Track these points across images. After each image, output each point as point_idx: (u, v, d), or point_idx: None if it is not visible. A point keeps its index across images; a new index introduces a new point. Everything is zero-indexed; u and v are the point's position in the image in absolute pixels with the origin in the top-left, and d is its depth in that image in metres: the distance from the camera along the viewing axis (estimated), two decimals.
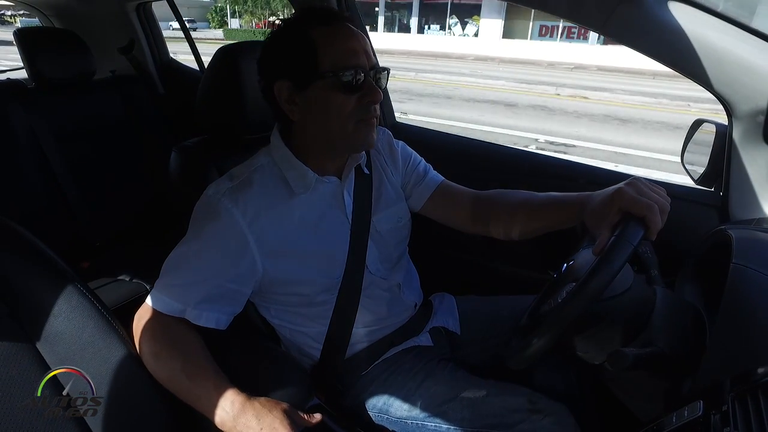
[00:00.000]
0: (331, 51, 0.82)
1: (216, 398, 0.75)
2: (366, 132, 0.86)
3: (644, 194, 0.71)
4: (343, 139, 0.86)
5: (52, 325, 0.73)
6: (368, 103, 0.84)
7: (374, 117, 0.86)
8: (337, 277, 0.93)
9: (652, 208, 0.68)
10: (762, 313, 0.64)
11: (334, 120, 0.84)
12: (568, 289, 0.75)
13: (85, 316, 0.76)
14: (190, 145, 1.08)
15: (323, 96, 0.83)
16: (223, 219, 0.84)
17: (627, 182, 0.74)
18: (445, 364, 1.00)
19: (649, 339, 0.70)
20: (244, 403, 0.74)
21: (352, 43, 0.84)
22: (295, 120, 0.89)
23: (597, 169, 1.32)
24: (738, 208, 0.98)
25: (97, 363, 0.75)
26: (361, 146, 0.90)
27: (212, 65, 1.04)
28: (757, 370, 0.51)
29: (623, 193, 0.72)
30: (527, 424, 0.84)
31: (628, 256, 0.63)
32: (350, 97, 0.83)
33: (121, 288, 1.55)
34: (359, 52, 0.84)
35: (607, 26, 0.94)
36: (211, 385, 0.76)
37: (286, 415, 0.73)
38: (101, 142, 1.84)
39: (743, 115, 0.91)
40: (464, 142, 1.54)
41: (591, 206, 0.78)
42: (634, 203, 0.69)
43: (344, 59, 0.82)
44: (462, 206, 1.05)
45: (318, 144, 0.90)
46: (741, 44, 0.88)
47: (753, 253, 0.74)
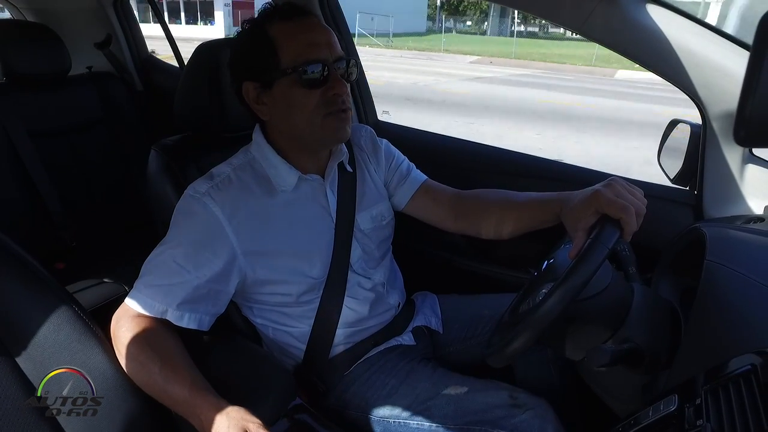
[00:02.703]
0: (290, 47, 0.82)
1: (192, 403, 0.73)
2: (336, 125, 0.85)
3: (621, 196, 0.71)
4: (312, 134, 0.86)
5: (26, 330, 0.71)
6: (333, 96, 0.83)
7: (343, 109, 0.85)
8: (321, 276, 0.93)
9: (628, 210, 0.69)
10: (734, 308, 0.66)
11: (299, 116, 0.84)
12: (546, 289, 0.76)
13: (61, 319, 0.74)
14: (169, 144, 1.06)
15: (288, 93, 0.83)
16: (204, 218, 0.83)
17: (605, 183, 0.75)
18: (427, 363, 1.01)
19: (627, 335, 0.72)
20: (218, 413, 0.71)
21: (313, 36, 0.83)
22: (265, 119, 0.89)
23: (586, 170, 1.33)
24: (712, 206, 1.01)
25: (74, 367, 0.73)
26: (332, 140, 0.89)
27: (192, 62, 1.03)
28: (729, 364, 0.53)
29: (600, 195, 0.72)
30: (509, 419, 0.84)
31: (604, 258, 0.64)
32: (314, 91, 0.83)
33: (98, 289, 1.51)
34: (321, 45, 0.83)
35: (585, 26, 0.96)
36: (187, 390, 0.74)
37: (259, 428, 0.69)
38: (77, 140, 1.80)
39: (716, 116, 0.93)
40: (447, 141, 1.54)
41: (569, 207, 0.79)
42: (609, 205, 0.70)
43: (305, 54, 0.82)
44: (444, 205, 1.05)
45: (292, 142, 0.90)
46: (715, 47, 0.90)
47: (726, 250, 0.76)
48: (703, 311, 0.68)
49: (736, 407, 0.46)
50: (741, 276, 0.68)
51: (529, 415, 0.84)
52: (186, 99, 1.05)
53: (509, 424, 0.84)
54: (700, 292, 0.69)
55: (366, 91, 1.65)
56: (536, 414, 0.84)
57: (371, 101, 1.69)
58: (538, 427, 0.83)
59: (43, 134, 1.70)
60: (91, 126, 1.84)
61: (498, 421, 0.85)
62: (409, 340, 1.04)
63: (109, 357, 0.77)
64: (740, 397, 0.47)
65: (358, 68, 0.91)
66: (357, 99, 1.62)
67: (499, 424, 0.84)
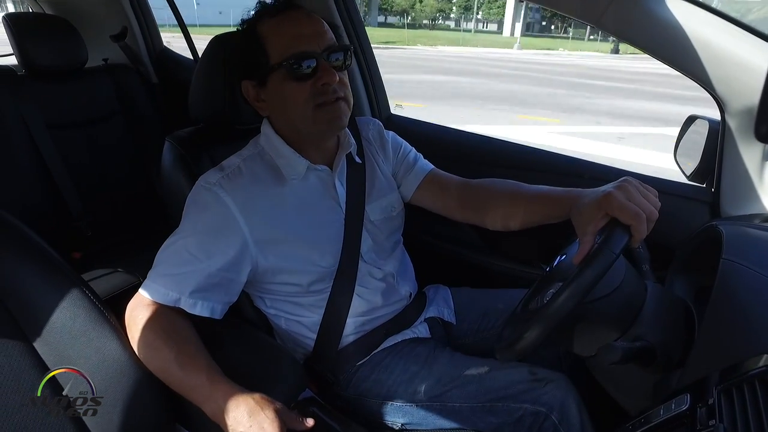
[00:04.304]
0: (278, 42, 0.83)
1: (209, 390, 0.75)
2: (329, 115, 0.86)
3: (633, 200, 0.69)
4: (307, 126, 0.86)
5: (43, 316, 0.73)
6: (323, 86, 0.84)
7: (336, 98, 0.85)
8: (332, 265, 0.94)
9: (639, 217, 0.67)
10: (750, 308, 0.65)
11: (293, 110, 0.85)
12: (555, 288, 0.76)
13: (77, 306, 0.75)
14: (183, 135, 1.07)
15: (280, 88, 0.84)
16: (215, 208, 0.84)
17: (618, 184, 0.72)
18: (444, 348, 1.02)
19: (639, 333, 0.71)
20: (238, 398, 0.73)
21: (300, 28, 0.84)
22: (265, 115, 0.91)
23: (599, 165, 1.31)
24: (729, 204, 0.99)
25: (90, 353, 0.75)
26: (328, 130, 0.90)
27: (206, 54, 1.03)
28: (744, 364, 0.52)
29: (612, 198, 0.69)
30: (531, 393, 0.86)
31: (610, 265, 0.64)
32: (304, 84, 0.83)
33: (113, 278, 1.54)
34: (308, 36, 0.83)
35: (603, 20, 0.94)
36: (204, 376, 0.76)
37: (277, 415, 0.72)
38: (93, 132, 1.82)
39: (736, 112, 0.91)
40: (460, 135, 1.53)
41: (578, 207, 0.77)
42: (621, 210, 0.68)
43: (291, 47, 0.82)
44: (451, 194, 1.05)
45: (294, 134, 0.91)
46: (735, 41, 0.88)
47: (743, 249, 0.75)
48: (718, 310, 0.67)
49: (750, 408, 0.46)
50: (758, 275, 0.67)
51: (550, 387, 0.86)
52: (200, 91, 1.05)
53: (531, 397, 0.86)
54: (715, 291, 0.68)
55: (379, 84, 1.65)
56: (558, 386, 0.87)
57: (384, 94, 1.68)
58: (561, 399, 0.85)
59: (60, 126, 1.72)
60: (106, 117, 1.86)
61: (520, 395, 0.87)
62: (424, 332, 1.05)
63: (123, 344, 0.78)
64: (755, 397, 0.47)
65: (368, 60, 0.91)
66: (370, 92, 1.62)
67: (521, 398, 0.86)
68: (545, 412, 0.85)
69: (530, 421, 0.86)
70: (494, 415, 0.88)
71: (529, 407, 0.86)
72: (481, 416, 0.89)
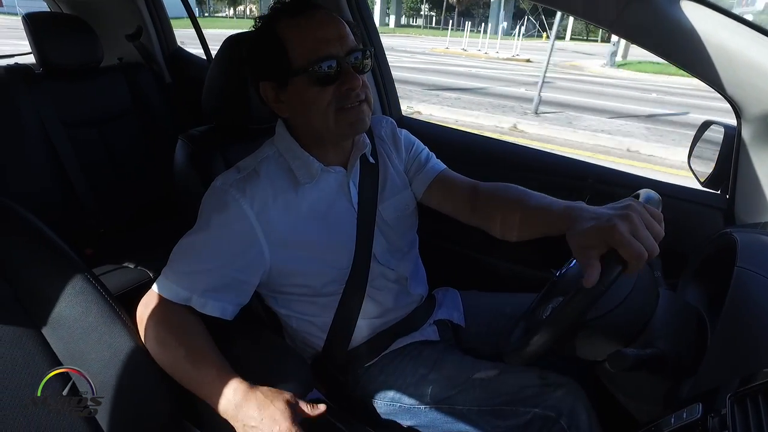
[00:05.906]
0: (300, 45, 0.81)
1: (219, 386, 0.75)
2: (352, 118, 0.84)
3: (638, 235, 0.64)
4: (329, 130, 0.85)
5: (55, 310, 0.74)
6: (347, 91, 0.82)
7: (358, 103, 0.84)
8: (345, 267, 0.94)
9: (641, 258, 0.62)
10: (765, 317, 0.64)
11: (314, 114, 0.84)
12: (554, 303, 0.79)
13: (89, 302, 0.76)
14: (196, 134, 1.08)
15: (302, 92, 0.83)
16: (231, 209, 0.84)
17: (622, 214, 0.66)
18: (453, 350, 1.02)
19: (650, 340, 0.70)
20: (247, 392, 0.74)
21: (322, 32, 0.82)
22: (284, 117, 0.90)
23: (606, 169, 1.30)
24: (744, 211, 0.98)
25: (101, 348, 0.76)
26: (350, 133, 0.88)
27: (219, 54, 1.04)
28: (758, 374, 0.51)
29: (615, 231, 0.64)
30: (540, 397, 0.86)
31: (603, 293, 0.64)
32: (327, 88, 0.82)
33: (124, 275, 1.55)
34: (331, 40, 0.82)
35: (618, 24, 0.93)
36: (214, 373, 0.76)
37: (287, 406, 0.73)
38: (108, 129, 1.84)
39: (753, 118, 0.90)
40: (473, 138, 1.53)
41: (578, 228, 0.70)
42: (623, 246, 0.63)
43: (314, 51, 0.81)
44: (461, 196, 1.03)
45: (312, 136, 0.90)
46: (753, 45, 0.86)
47: (758, 257, 0.73)
48: (732, 319, 0.66)
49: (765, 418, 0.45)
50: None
51: (561, 392, 0.86)
52: (213, 90, 1.06)
53: (541, 401, 0.86)
54: (729, 299, 0.67)
55: (390, 85, 1.65)
56: (568, 391, 0.86)
57: (396, 96, 1.68)
58: (570, 404, 0.84)
59: (75, 123, 1.74)
60: (120, 116, 1.88)
61: (529, 399, 0.86)
62: (433, 334, 1.04)
63: (133, 340, 0.79)
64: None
65: (380, 60, 0.90)
66: (381, 93, 1.62)
67: (530, 402, 0.86)
68: (554, 416, 0.84)
69: (539, 426, 0.86)
70: (502, 418, 0.88)
71: (538, 412, 0.86)
72: (489, 420, 0.89)
